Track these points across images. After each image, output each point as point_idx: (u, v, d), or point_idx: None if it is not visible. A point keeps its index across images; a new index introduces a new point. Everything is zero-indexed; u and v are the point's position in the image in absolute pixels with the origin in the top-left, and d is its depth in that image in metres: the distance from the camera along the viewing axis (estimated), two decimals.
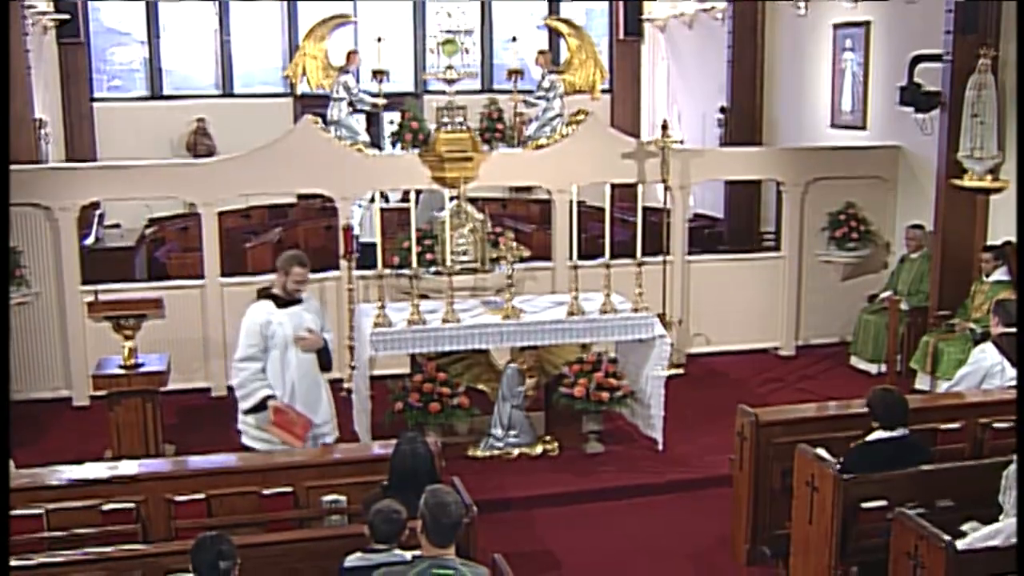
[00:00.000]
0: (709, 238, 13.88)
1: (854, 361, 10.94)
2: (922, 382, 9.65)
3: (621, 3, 17.94)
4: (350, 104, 11.39)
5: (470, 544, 5.13)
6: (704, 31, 15.36)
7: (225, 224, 11.47)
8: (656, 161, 10.53)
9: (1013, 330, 7.27)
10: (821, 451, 6.06)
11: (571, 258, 8.81)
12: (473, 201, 10.40)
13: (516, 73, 11.29)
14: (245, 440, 7.05)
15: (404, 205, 10.10)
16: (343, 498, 5.96)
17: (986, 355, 7.38)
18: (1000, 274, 9.39)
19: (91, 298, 8.37)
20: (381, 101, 11.19)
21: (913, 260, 10.60)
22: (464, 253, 9.79)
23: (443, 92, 10.00)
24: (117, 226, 14.49)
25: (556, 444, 8.71)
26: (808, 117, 13.02)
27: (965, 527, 5.48)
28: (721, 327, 11.21)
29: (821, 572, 5.90)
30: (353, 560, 4.80)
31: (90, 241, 12.44)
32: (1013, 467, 5.23)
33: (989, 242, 9.70)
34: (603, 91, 12.47)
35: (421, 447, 5.50)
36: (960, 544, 5.05)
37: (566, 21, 12.47)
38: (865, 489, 5.77)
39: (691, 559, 7.08)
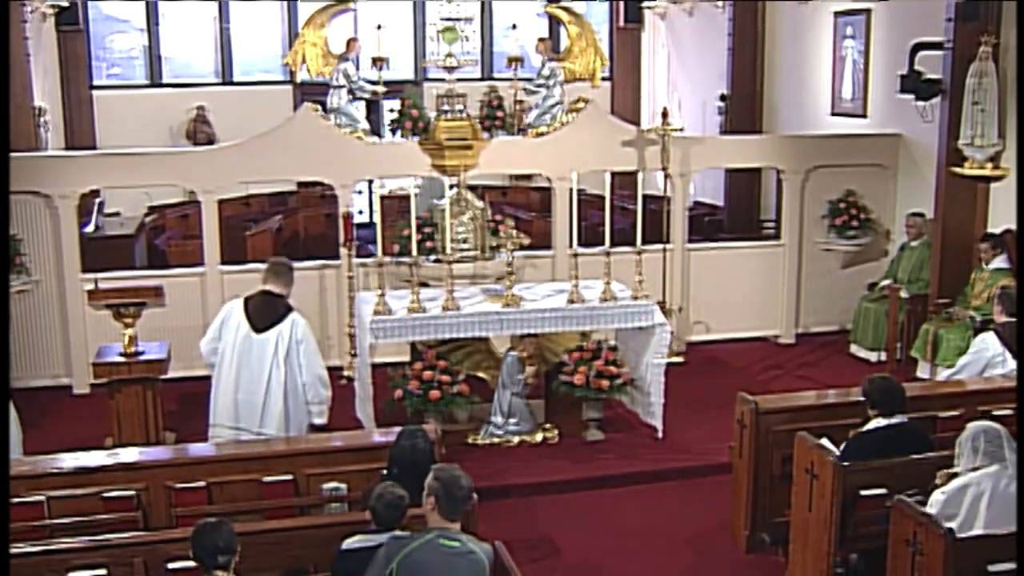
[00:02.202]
0: (709, 226, 13.88)
1: (854, 349, 10.95)
2: (922, 370, 9.67)
3: None
4: (350, 92, 11.32)
5: (471, 530, 5.13)
6: (704, 18, 15.31)
7: (225, 212, 11.47)
8: (656, 149, 10.52)
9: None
10: (824, 441, 6.07)
11: (571, 246, 8.81)
12: (473, 189, 10.39)
13: (516, 61, 11.23)
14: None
15: (404, 192, 10.08)
16: (343, 486, 5.98)
17: (987, 345, 7.39)
18: (1000, 262, 9.38)
19: (91, 286, 8.36)
20: (381, 89, 11.13)
21: (913, 248, 10.60)
22: (464, 241, 9.77)
23: (443, 80, 9.97)
24: (117, 214, 14.49)
25: (556, 432, 8.72)
26: (809, 105, 12.99)
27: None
28: (721, 315, 11.22)
29: (820, 559, 5.92)
30: (353, 542, 4.81)
31: (90, 229, 12.45)
32: (965, 433, 5.34)
33: (989, 230, 9.69)
34: (603, 79, 12.40)
35: (421, 442, 5.48)
36: (937, 495, 5.16)
37: (566, 8, 12.40)
38: (864, 476, 5.78)
39: (691, 546, 7.10)
